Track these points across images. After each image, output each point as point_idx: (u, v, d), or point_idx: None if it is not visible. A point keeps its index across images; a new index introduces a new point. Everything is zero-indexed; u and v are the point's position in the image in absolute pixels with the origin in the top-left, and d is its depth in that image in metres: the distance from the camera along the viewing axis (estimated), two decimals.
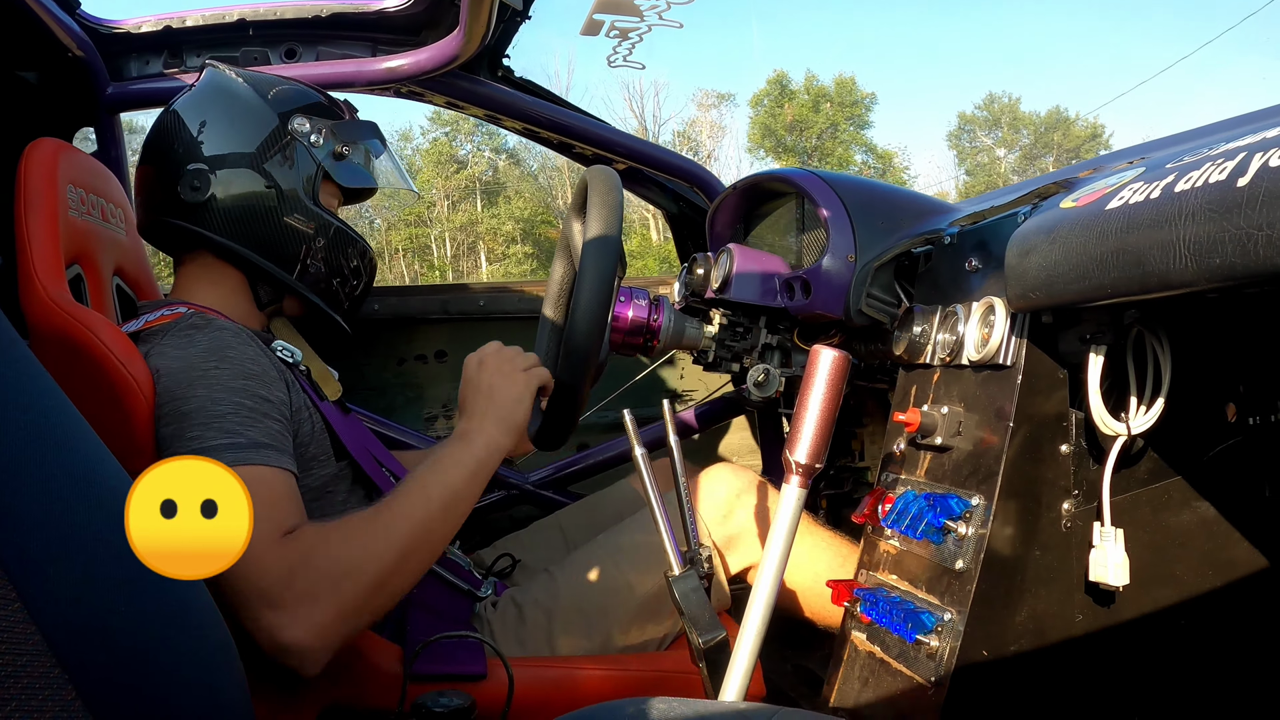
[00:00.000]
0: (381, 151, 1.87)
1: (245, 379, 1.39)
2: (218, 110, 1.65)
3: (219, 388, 1.35)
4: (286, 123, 1.66)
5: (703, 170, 2.65)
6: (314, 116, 1.70)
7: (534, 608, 1.63)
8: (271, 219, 1.63)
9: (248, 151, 1.62)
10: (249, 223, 1.62)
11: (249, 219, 1.62)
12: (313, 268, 1.69)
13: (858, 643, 1.38)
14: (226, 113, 1.65)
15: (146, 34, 2.23)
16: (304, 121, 1.68)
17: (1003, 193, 1.62)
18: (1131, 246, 0.92)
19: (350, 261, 1.74)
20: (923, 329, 1.43)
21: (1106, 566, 1.17)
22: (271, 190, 1.63)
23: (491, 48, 2.29)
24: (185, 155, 1.60)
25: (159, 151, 1.63)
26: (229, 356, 1.39)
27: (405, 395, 2.76)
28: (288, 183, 1.65)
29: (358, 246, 1.75)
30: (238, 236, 1.62)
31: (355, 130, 1.77)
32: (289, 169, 1.66)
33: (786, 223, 2.03)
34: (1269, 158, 0.78)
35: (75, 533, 0.68)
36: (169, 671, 0.72)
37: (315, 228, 1.67)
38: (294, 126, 1.67)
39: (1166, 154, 1.10)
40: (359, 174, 1.77)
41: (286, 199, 1.64)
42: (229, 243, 1.61)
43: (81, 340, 1.24)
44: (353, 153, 1.76)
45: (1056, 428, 1.23)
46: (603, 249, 1.52)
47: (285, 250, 1.66)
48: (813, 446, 1.18)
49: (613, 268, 1.53)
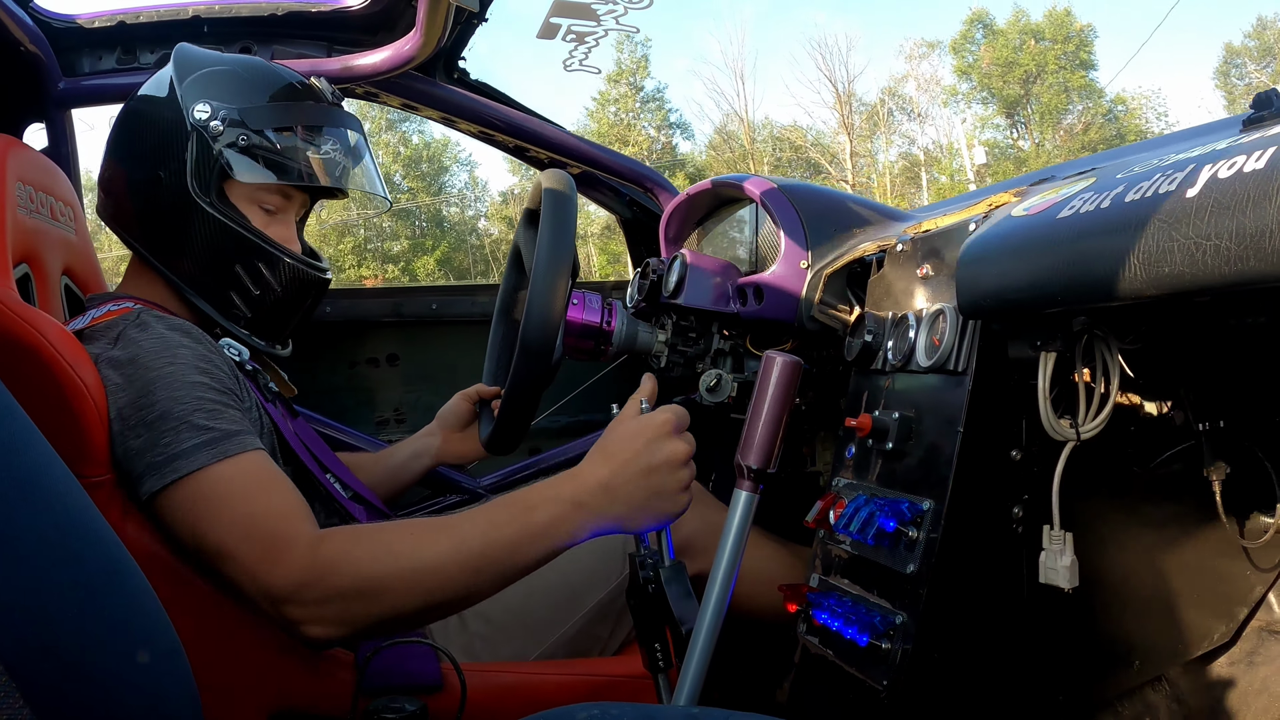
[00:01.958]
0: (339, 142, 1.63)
1: (200, 373, 1.34)
2: (145, 94, 1.57)
3: (177, 385, 1.31)
4: (188, 107, 1.49)
5: (656, 175, 2.66)
6: (223, 101, 1.51)
7: (476, 618, 1.60)
8: (164, 217, 1.51)
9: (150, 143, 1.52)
10: (143, 219, 1.53)
11: (142, 215, 1.53)
12: (200, 273, 1.53)
13: (810, 647, 1.39)
14: (148, 99, 1.56)
15: (100, 29, 2.19)
16: (205, 107, 1.49)
17: (955, 201, 1.64)
18: (1082, 255, 0.94)
19: (251, 271, 1.54)
20: (874, 335, 1.44)
21: (1056, 569, 1.19)
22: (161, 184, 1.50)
23: (448, 49, 2.28)
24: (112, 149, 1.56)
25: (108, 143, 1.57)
26: (179, 354, 1.35)
27: (356, 399, 2.73)
28: (178, 176, 1.49)
29: (266, 257, 1.54)
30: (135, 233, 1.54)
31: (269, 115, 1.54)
32: (181, 160, 1.49)
33: (740, 229, 2.04)
34: (1217, 169, 0.80)
35: (21, 536, 0.67)
36: (116, 677, 0.71)
37: (205, 228, 1.50)
38: (193, 112, 1.49)
39: (1117, 165, 1.12)
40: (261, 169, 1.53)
41: (175, 194, 1.49)
42: (127, 237, 1.55)
43: (29, 341, 1.21)
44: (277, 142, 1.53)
45: (1007, 433, 1.25)
46: (556, 253, 1.51)
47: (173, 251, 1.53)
48: (764, 451, 1.19)
49: (566, 272, 1.53)
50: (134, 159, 1.53)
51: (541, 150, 2.54)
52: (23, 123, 2.21)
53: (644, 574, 1.25)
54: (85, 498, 0.74)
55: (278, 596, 1.21)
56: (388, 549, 1.23)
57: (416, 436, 1.99)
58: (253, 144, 1.51)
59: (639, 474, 1.24)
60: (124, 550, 0.76)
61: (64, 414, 1.23)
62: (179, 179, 1.49)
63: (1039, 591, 1.21)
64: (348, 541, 1.24)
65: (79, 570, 0.69)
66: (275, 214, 1.58)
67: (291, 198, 1.60)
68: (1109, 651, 1.33)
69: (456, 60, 2.37)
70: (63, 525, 0.70)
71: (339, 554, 1.22)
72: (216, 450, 1.27)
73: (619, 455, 1.25)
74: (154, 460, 1.26)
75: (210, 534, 1.23)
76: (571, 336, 1.86)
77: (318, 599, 1.21)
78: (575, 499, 1.24)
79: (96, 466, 1.27)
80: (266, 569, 1.21)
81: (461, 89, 2.40)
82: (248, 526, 1.23)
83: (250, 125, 1.51)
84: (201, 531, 1.24)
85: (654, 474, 1.24)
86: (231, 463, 1.27)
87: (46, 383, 1.22)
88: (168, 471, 1.25)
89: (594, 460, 1.26)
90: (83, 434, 1.25)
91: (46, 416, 0.86)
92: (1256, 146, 0.79)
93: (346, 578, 1.21)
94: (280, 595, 1.21)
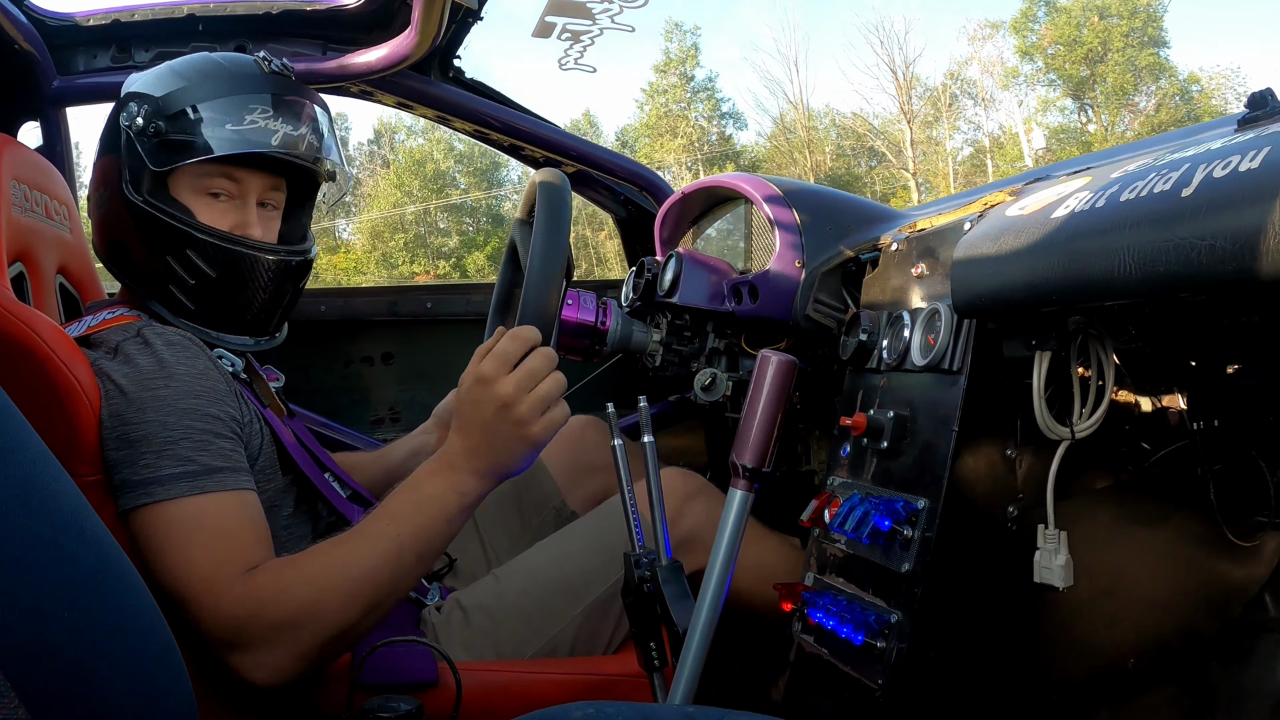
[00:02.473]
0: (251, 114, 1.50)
1: (195, 398, 1.35)
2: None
3: (169, 410, 1.31)
4: (123, 107, 1.48)
5: (651, 174, 2.66)
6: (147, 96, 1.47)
7: (478, 611, 1.61)
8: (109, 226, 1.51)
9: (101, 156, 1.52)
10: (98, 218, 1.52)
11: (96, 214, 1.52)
12: (145, 273, 1.50)
13: (805, 645, 1.39)
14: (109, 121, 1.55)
15: (94, 27, 2.19)
16: (132, 106, 1.47)
17: (950, 200, 1.64)
18: (1076, 254, 0.94)
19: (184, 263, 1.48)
20: (869, 334, 1.44)
21: (1050, 568, 1.19)
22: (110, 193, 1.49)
23: (443, 48, 2.28)
24: None
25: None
26: (177, 374, 1.35)
27: (351, 397, 2.73)
28: (115, 181, 1.47)
29: (195, 244, 1.48)
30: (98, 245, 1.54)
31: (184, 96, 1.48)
32: (118, 157, 1.48)
33: (735, 228, 2.04)
34: (1212, 169, 0.80)
35: (15, 536, 0.67)
36: (112, 677, 0.71)
37: (140, 225, 1.47)
38: (123, 115, 1.47)
39: (1112, 164, 1.12)
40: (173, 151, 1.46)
41: (113, 200, 1.48)
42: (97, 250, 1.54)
43: (23, 340, 1.21)
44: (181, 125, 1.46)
45: (1001, 432, 1.25)
46: (550, 252, 1.51)
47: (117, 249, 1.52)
48: (759, 450, 1.19)
49: (560, 270, 1.53)
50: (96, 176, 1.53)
51: (536, 149, 2.54)
52: (17, 121, 2.21)
53: (640, 573, 1.25)
54: (79, 497, 0.74)
55: (216, 642, 1.23)
56: (312, 571, 1.27)
57: (413, 434, 1.99)
58: (168, 130, 1.46)
59: (481, 427, 1.34)
60: (118, 549, 0.76)
61: (58, 413, 1.23)
62: (117, 181, 1.48)
63: (1033, 590, 1.21)
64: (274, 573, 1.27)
65: (73, 569, 0.69)
66: (230, 199, 1.53)
67: (239, 180, 1.53)
68: (1103, 650, 1.33)
69: (452, 59, 2.37)
70: (56, 524, 0.70)
71: (269, 589, 1.25)
72: (194, 484, 1.28)
73: (462, 419, 1.36)
74: (131, 478, 1.28)
75: (162, 570, 1.25)
76: (566, 335, 1.86)
77: (257, 639, 1.23)
78: (448, 464, 1.35)
79: (90, 465, 1.27)
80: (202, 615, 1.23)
81: (457, 87, 2.40)
82: (192, 570, 1.24)
83: (165, 109, 1.46)
84: (157, 564, 1.26)
85: (494, 422, 1.33)
86: (204, 500, 1.29)
87: (41, 381, 1.22)
88: (141, 493, 1.27)
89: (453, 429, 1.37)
90: (77, 433, 1.25)
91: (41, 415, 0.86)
92: (1251, 146, 0.79)
93: (282, 610, 1.24)
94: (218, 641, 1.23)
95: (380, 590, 1.29)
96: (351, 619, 1.27)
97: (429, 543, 1.33)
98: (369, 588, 1.28)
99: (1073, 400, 1.20)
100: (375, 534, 1.31)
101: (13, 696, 0.62)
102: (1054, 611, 1.26)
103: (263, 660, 1.23)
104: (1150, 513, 1.33)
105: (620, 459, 1.36)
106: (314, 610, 1.25)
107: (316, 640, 1.25)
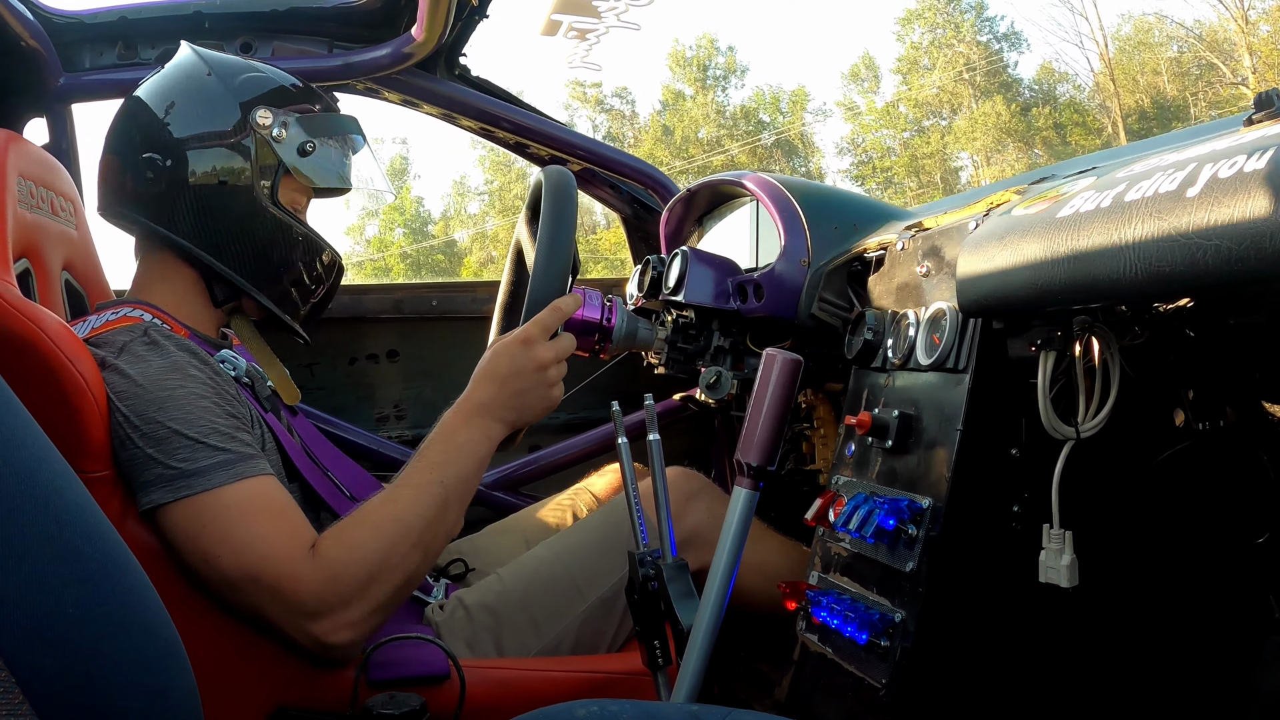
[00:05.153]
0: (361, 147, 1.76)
1: (214, 395, 1.39)
2: (178, 96, 1.57)
3: (192, 407, 1.35)
4: (248, 113, 1.56)
5: (657, 172, 2.65)
6: (279, 107, 1.60)
7: (481, 610, 1.61)
8: (224, 216, 1.55)
9: (204, 143, 1.54)
10: (199, 218, 1.55)
11: (199, 215, 1.54)
12: (266, 270, 1.60)
13: (809, 644, 1.39)
14: (186, 100, 1.57)
15: (101, 24, 2.19)
16: (267, 113, 1.57)
17: (956, 200, 1.64)
18: (1082, 254, 0.94)
19: (309, 267, 1.65)
20: (875, 333, 1.44)
21: (1055, 568, 1.18)
22: (225, 185, 1.54)
23: (449, 45, 2.28)
24: (142, 143, 1.54)
25: (119, 137, 1.58)
26: (192, 374, 1.39)
27: (356, 395, 2.73)
28: (243, 178, 1.55)
29: (318, 250, 1.66)
30: (187, 233, 1.55)
31: (325, 124, 1.66)
32: (246, 163, 1.56)
33: (740, 226, 2.04)
34: (1218, 169, 0.80)
35: (21, 531, 0.67)
36: (117, 673, 0.71)
37: (271, 227, 1.59)
38: (255, 118, 1.57)
39: (1118, 164, 1.12)
40: (325, 171, 1.66)
41: (240, 195, 1.55)
42: (177, 239, 1.55)
43: (29, 336, 1.21)
44: (320, 148, 1.64)
45: (1006, 431, 1.25)
46: (555, 250, 1.53)
47: (236, 250, 1.58)
48: (764, 449, 1.19)
49: (566, 267, 1.54)
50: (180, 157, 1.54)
51: (542, 147, 2.54)
52: (23, 117, 2.21)
53: (644, 571, 1.25)
54: (85, 493, 0.74)
55: (306, 613, 1.30)
56: (373, 526, 1.38)
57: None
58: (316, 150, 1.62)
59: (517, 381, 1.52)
60: (123, 545, 0.76)
61: (63, 409, 1.24)
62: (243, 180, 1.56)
63: (1038, 590, 1.21)
64: (338, 537, 1.36)
65: (78, 565, 0.70)
66: (302, 212, 1.67)
67: (309, 199, 1.69)
68: (1108, 650, 1.33)
69: (457, 56, 2.37)
70: (62, 520, 0.70)
71: (338, 550, 1.33)
72: (233, 471, 1.33)
73: (500, 372, 1.52)
74: (164, 473, 1.30)
75: (229, 555, 1.30)
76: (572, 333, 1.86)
77: (340, 602, 1.31)
78: (479, 411, 1.50)
79: (96, 462, 1.28)
80: (290, 587, 1.30)
81: (463, 85, 2.40)
82: (267, 548, 1.31)
83: (309, 132, 1.62)
84: (221, 552, 1.30)
85: (529, 380, 1.52)
86: (247, 485, 1.33)
87: (46, 378, 1.22)
88: (181, 486, 1.30)
89: (477, 378, 1.54)
90: (82, 429, 1.26)
91: (46, 412, 0.86)
92: (1257, 146, 0.78)
93: (358, 566, 1.33)
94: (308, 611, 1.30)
95: (436, 534, 1.42)
96: (415, 564, 1.39)
97: (467, 485, 1.47)
98: (427, 533, 1.40)
99: (1078, 400, 1.20)
100: (421, 482, 1.43)
101: (18, 692, 0.62)
102: (1059, 611, 1.25)
103: (345, 621, 1.33)
104: (1155, 513, 1.33)
105: (625, 457, 1.36)
106: (385, 562, 1.35)
107: (389, 591, 1.36)
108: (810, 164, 36.46)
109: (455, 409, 1.52)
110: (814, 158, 37.06)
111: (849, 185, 32.59)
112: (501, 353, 1.53)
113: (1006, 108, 32.19)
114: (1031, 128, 32.28)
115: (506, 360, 1.52)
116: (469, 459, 1.47)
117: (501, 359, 1.52)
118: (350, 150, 1.74)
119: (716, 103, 36.43)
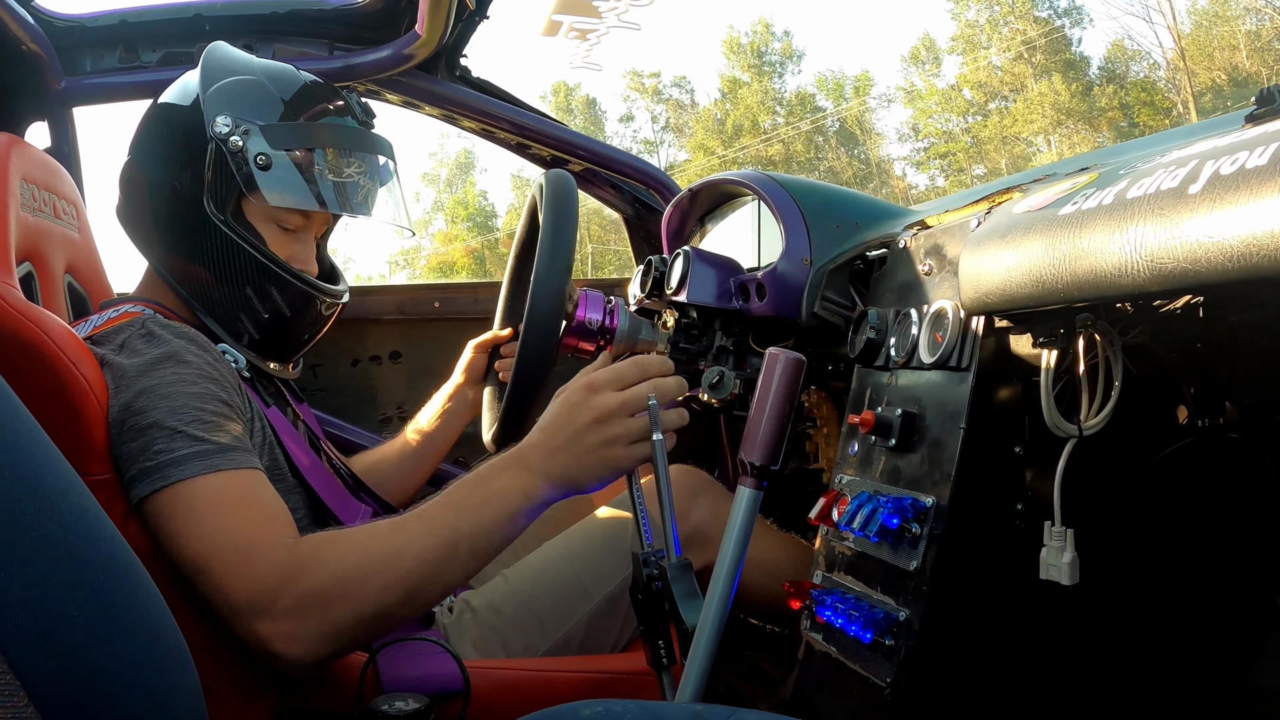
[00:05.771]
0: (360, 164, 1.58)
1: (205, 382, 1.35)
2: (167, 99, 1.56)
3: (177, 395, 1.31)
4: (211, 120, 1.46)
5: (659, 172, 2.66)
6: (246, 115, 1.46)
7: (488, 610, 1.62)
8: (177, 229, 1.50)
9: (170, 147, 1.51)
10: (158, 228, 1.52)
11: (157, 223, 1.52)
12: (209, 290, 1.51)
13: (813, 643, 1.39)
14: (169, 104, 1.55)
15: (101, 27, 2.20)
16: (227, 119, 1.45)
17: (958, 197, 1.64)
18: (1084, 252, 0.94)
19: (261, 294, 1.52)
20: (877, 331, 1.44)
21: (1057, 566, 1.18)
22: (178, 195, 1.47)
23: (449, 47, 2.29)
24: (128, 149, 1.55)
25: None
26: (186, 360, 1.36)
27: (359, 396, 2.74)
28: (193, 189, 1.46)
29: (276, 281, 1.52)
30: (144, 242, 1.54)
31: (298, 135, 1.50)
32: (198, 174, 1.46)
33: (742, 225, 2.04)
34: (1220, 166, 0.80)
35: (25, 535, 0.67)
36: (121, 675, 0.71)
37: (218, 245, 1.48)
38: (215, 126, 1.45)
39: (1120, 160, 1.11)
40: (286, 189, 1.48)
41: (188, 206, 1.47)
42: (140, 244, 1.55)
43: (32, 339, 1.21)
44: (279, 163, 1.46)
45: (1009, 429, 1.25)
46: (557, 250, 1.53)
47: (183, 264, 1.51)
48: (767, 448, 1.19)
49: (568, 268, 1.54)
50: (152, 164, 1.52)
51: (543, 148, 2.54)
52: (25, 121, 2.22)
53: (648, 571, 1.25)
54: (88, 495, 0.74)
55: (245, 608, 1.20)
56: (361, 544, 1.26)
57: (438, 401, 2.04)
58: (273, 163, 1.46)
59: (571, 432, 1.32)
60: (126, 548, 0.76)
61: (67, 412, 1.24)
62: (195, 192, 1.47)
63: (1042, 588, 1.21)
64: (319, 541, 1.26)
65: (82, 568, 0.70)
66: (294, 232, 1.57)
67: (311, 217, 1.58)
68: (1110, 648, 1.33)
69: (458, 58, 2.37)
70: (65, 523, 0.70)
71: (310, 553, 1.24)
72: (209, 462, 1.27)
73: (554, 419, 1.34)
74: (145, 465, 1.27)
75: (188, 545, 1.24)
76: (574, 335, 1.86)
77: (290, 607, 1.20)
78: (523, 462, 1.32)
79: (99, 464, 1.28)
80: (234, 580, 1.21)
81: (463, 85, 2.41)
82: (223, 538, 1.23)
83: (272, 143, 1.46)
84: (181, 542, 1.24)
85: (585, 431, 1.31)
86: (222, 476, 1.27)
87: (49, 381, 1.22)
88: (157, 478, 1.26)
89: (535, 428, 1.36)
90: (85, 432, 1.26)
91: (49, 414, 0.87)
92: (1260, 142, 0.78)
93: (323, 576, 1.22)
94: (247, 606, 1.20)
95: (426, 578, 1.26)
96: (390, 602, 1.24)
97: (487, 539, 1.30)
98: (419, 574, 1.25)
99: (1080, 397, 1.19)
100: (433, 520, 1.29)
101: (22, 695, 0.62)
102: (1062, 609, 1.25)
103: (289, 631, 1.20)
104: (1157, 511, 1.33)
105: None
106: (356, 582, 1.22)
107: (350, 617, 1.23)
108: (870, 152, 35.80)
109: (503, 454, 1.37)
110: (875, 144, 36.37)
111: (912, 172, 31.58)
112: (564, 399, 1.36)
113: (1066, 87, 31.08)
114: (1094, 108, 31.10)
115: (566, 406, 1.34)
116: (496, 512, 1.30)
117: (562, 405, 1.35)
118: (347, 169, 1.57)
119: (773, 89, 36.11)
